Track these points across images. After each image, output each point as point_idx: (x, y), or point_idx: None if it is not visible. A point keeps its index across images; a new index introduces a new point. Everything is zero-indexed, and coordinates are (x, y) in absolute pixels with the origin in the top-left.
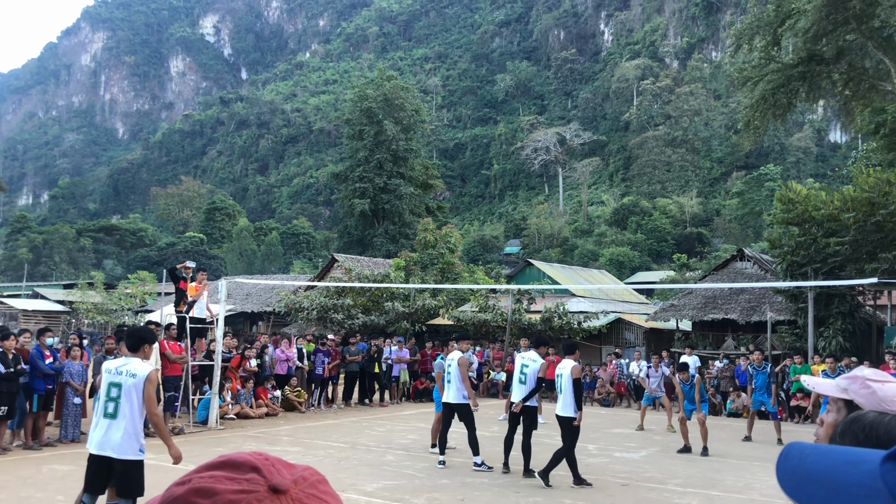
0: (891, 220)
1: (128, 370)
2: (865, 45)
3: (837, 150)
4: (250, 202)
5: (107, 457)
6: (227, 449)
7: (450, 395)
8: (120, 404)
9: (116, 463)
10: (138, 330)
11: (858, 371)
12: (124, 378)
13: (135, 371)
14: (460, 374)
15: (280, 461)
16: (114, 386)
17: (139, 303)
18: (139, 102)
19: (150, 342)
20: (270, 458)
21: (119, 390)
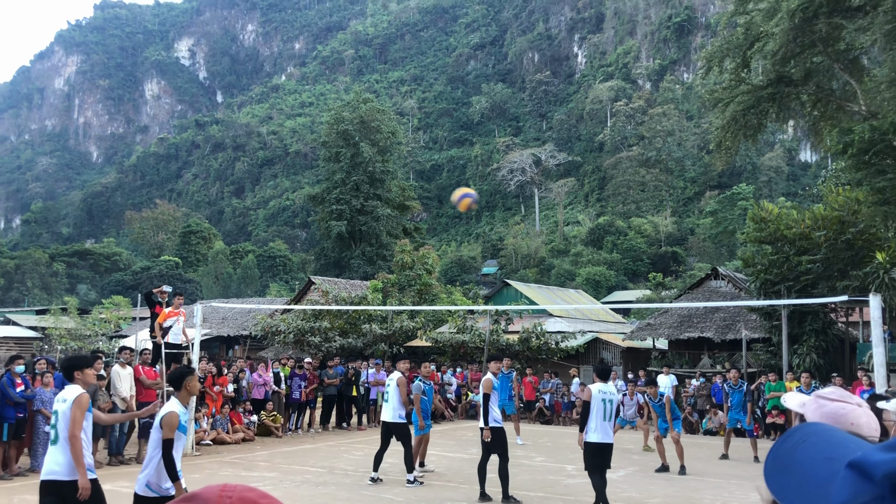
0: (860, 238)
1: (63, 396)
2: (832, 67)
3: (808, 170)
4: (226, 225)
5: (55, 481)
6: (202, 476)
7: (386, 414)
8: (59, 430)
9: (64, 486)
10: (68, 359)
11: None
12: (59, 405)
13: (65, 397)
14: (399, 393)
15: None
16: (54, 413)
17: (114, 328)
18: (113, 126)
19: (79, 368)
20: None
21: (56, 417)
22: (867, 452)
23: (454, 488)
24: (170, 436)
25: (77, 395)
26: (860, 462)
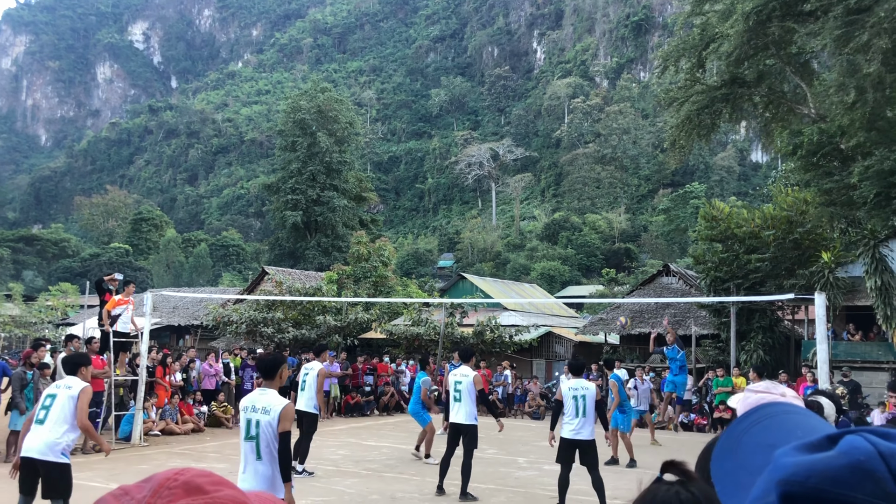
0: (807, 238)
1: (68, 384)
2: (784, 69)
3: (759, 170)
4: (178, 213)
5: (34, 459)
6: (150, 466)
7: (300, 404)
8: (50, 412)
9: (41, 465)
10: (73, 356)
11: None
12: (62, 391)
13: (70, 384)
14: (316, 384)
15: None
16: (50, 397)
17: (61, 316)
18: (63, 109)
19: (84, 364)
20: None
21: (52, 400)
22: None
23: (406, 480)
24: (289, 428)
25: (85, 387)
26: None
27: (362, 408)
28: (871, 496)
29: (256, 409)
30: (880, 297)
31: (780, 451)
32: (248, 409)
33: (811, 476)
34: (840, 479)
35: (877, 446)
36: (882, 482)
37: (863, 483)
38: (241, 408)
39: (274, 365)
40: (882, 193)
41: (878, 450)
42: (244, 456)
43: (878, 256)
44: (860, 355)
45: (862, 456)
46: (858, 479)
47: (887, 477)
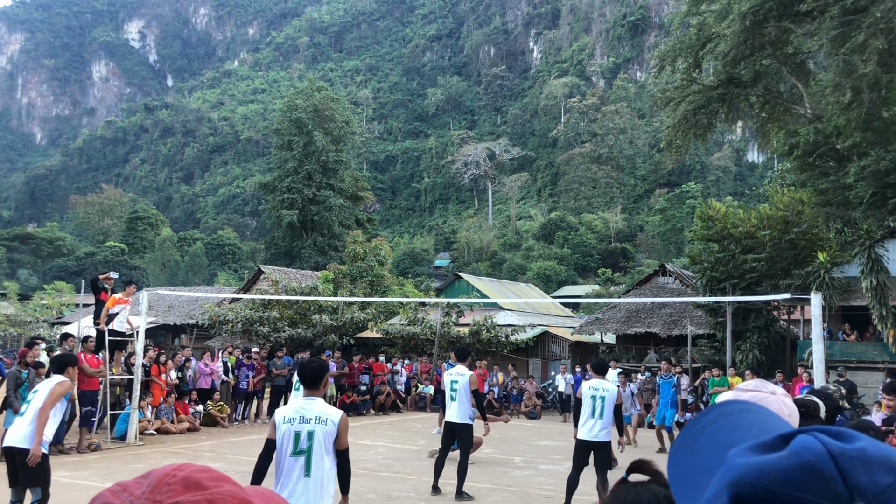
0: (803, 238)
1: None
2: (780, 69)
3: (755, 170)
4: (174, 212)
5: (13, 448)
6: (145, 465)
7: None
8: (31, 405)
9: (18, 454)
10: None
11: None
12: (44, 384)
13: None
14: None
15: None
16: (34, 393)
17: (56, 314)
18: (59, 107)
19: (71, 364)
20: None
21: (35, 394)
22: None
23: (402, 480)
24: (347, 444)
25: (62, 380)
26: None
27: (358, 407)
28: (820, 497)
29: (307, 419)
30: (876, 297)
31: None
32: (294, 420)
33: (761, 477)
34: (789, 479)
35: (827, 446)
36: (831, 482)
37: (812, 483)
38: (280, 419)
39: (319, 373)
40: (878, 194)
41: (828, 450)
42: (285, 473)
43: (874, 257)
44: (856, 355)
45: (812, 456)
46: (808, 480)
47: (836, 477)
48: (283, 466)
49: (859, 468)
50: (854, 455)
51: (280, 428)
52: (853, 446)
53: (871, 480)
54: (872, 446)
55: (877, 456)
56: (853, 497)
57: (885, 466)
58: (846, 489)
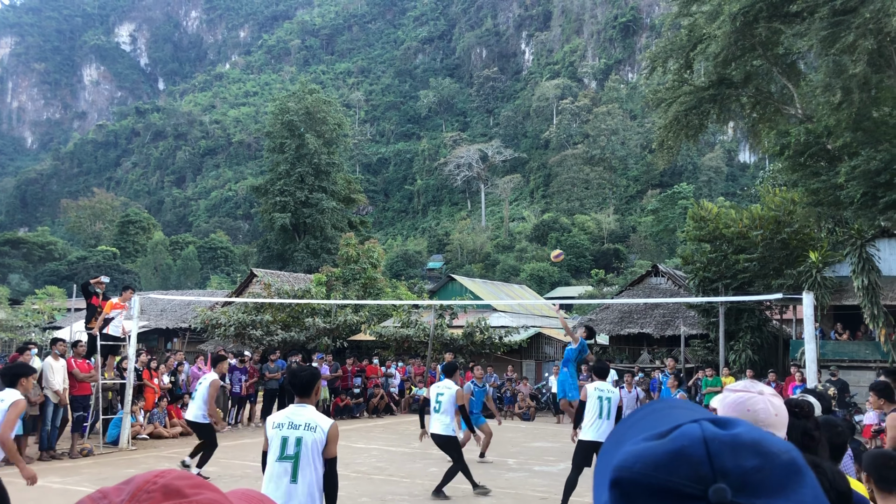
0: (795, 238)
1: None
2: (771, 70)
3: (746, 170)
4: (166, 215)
5: None
6: (138, 470)
7: (189, 413)
8: None
9: None
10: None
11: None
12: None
13: (2, 397)
14: (208, 394)
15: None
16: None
17: (47, 319)
18: (49, 111)
19: (24, 375)
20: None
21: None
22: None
23: (396, 482)
24: (336, 452)
25: (16, 400)
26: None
27: (352, 410)
28: (685, 479)
29: (296, 424)
30: (867, 296)
31: (631, 441)
32: (282, 425)
33: (637, 462)
34: (661, 464)
35: (705, 432)
36: (698, 466)
37: (680, 467)
38: (271, 424)
39: (310, 381)
40: (868, 193)
41: (704, 436)
42: (274, 478)
43: (865, 256)
44: (848, 354)
45: (686, 441)
46: (677, 464)
47: (704, 461)
48: (271, 470)
49: (727, 452)
50: (726, 440)
51: (269, 433)
52: (728, 432)
53: (736, 463)
54: (748, 432)
55: (748, 440)
56: (716, 478)
57: (754, 450)
58: (711, 471)
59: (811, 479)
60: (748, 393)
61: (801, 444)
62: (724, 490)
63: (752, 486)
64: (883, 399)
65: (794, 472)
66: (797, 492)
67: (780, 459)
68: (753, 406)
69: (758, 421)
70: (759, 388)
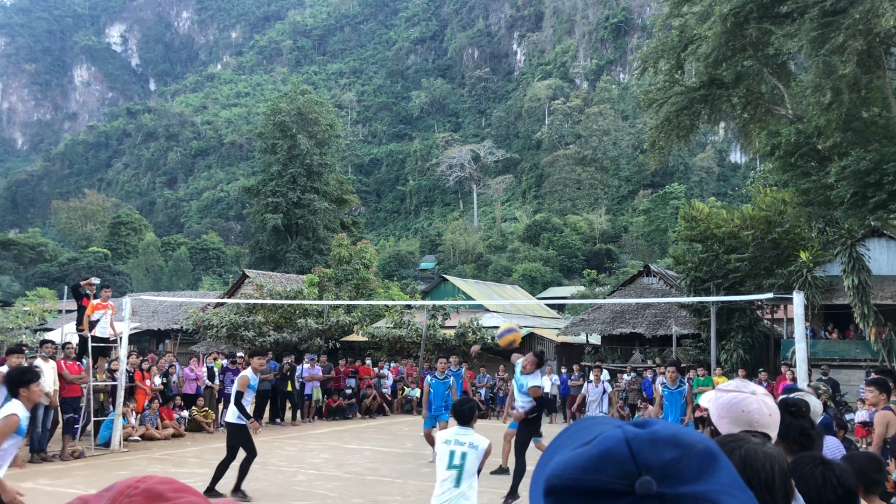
0: (786, 238)
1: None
2: (762, 71)
3: (737, 170)
4: (158, 216)
5: None
6: (130, 472)
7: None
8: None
9: None
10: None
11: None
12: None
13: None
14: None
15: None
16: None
17: (38, 321)
18: (40, 112)
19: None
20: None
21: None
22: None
23: (388, 483)
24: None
25: (8, 415)
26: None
27: (344, 411)
28: (612, 477)
29: (462, 442)
30: (857, 295)
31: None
32: (451, 441)
33: (567, 469)
34: (589, 466)
35: (626, 433)
36: (623, 464)
37: (606, 467)
38: (441, 440)
39: (471, 412)
40: (859, 193)
41: (626, 436)
42: (441, 482)
43: (856, 255)
44: (838, 353)
45: (610, 443)
46: (603, 465)
47: (628, 458)
48: (439, 476)
49: (648, 448)
50: (646, 437)
51: (439, 447)
52: (647, 430)
53: (657, 457)
54: (664, 429)
55: (666, 435)
56: (641, 473)
57: (672, 443)
58: (635, 467)
59: (726, 463)
60: (741, 393)
61: (800, 443)
62: (650, 482)
63: (673, 475)
64: (883, 394)
65: (710, 460)
66: (714, 476)
67: (696, 449)
68: (747, 407)
69: (752, 422)
70: (751, 389)
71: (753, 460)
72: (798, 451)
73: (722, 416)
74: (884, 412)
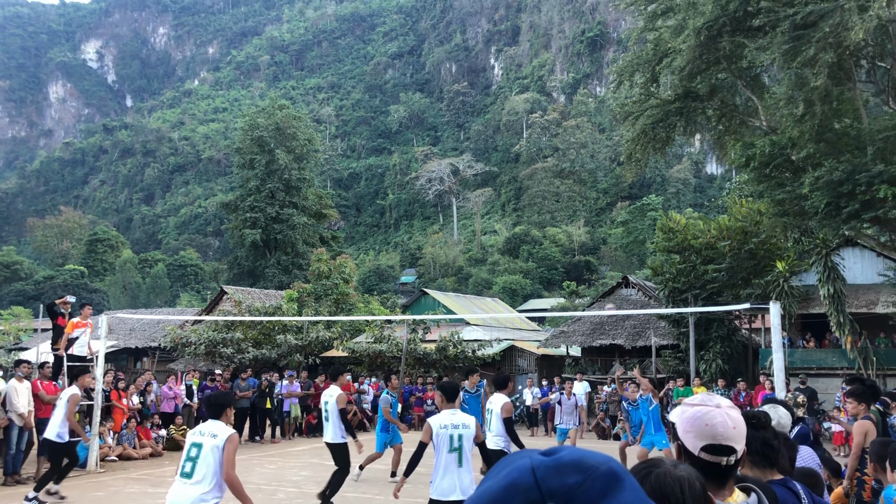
0: (762, 248)
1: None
2: (735, 83)
3: (714, 182)
4: (135, 233)
5: None
6: (106, 493)
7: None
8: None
9: None
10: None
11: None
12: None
13: (215, 432)
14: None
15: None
16: (194, 446)
17: (13, 340)
18: (14, 129)
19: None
20: None
21: (199, 450)
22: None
23: (369, 500)
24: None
25: (231, 434)
26: None
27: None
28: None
29: (457, 425)
30: (833, 304)
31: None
32: (448, 426)
33: (478, 502)
34: (497, 498)
35: (532, 462)
36: (528, 491)
37: (513, 497)
38: (438, 425)
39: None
40: (832, 203)
41: (532, 465)
42: (444, 467)
43: (831, 265)
44: (815, 362)
45: (516, 474)
46: (510, 495)
47: (533, 486)
48: (440, 462)
49: (553, 474)
50: (550, 464)
51: (438, 431)
52: (553, 457)
53: (561, 482)
54: (570, 454)
55: (570, 461)
56: (545, 499)
57: (575, 468)
58: (540, 494)
59: (631, 483)
60: (705, 407)
61: (762, 454)
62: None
63: (577, 499)
64: (863, 404)
65: (613, 481)
66: (618, 496)
67: (598, 471)
68: (711, 420)
69: (716, 435)
70: (716, 402)
71: (663, 485)
72: (762, 462)
73: (687, 430)
74: (863, 422)
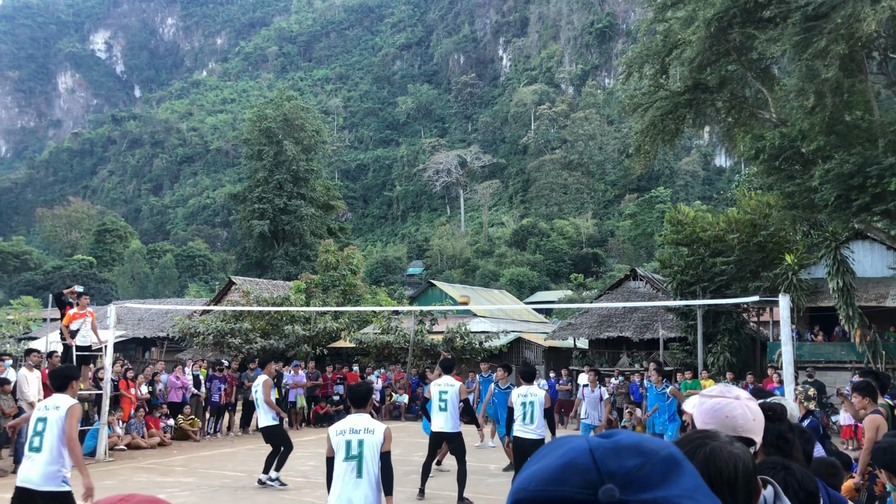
0: (771, 241)
1: (55, 404)
2: (745, 75)
3: (722, 174)
4: (143, 223)
5: (29, 489)
6: (115, 482)
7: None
8: (45, 438)
9: (37, 495)
10: (61, 369)
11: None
12: (50, 412)
13: (57, 404)
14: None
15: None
16: (41, 421)
17: (23, 330)
18: (24, 119)
19: (75, 379)
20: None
21: (44, 424)
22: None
23: None
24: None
25: (72, 405)
26: None
27: (332, 418)
28: (575, 486)
29: (357, 430)
30: (842, 297)
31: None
32: (345, 431)
33: (532, 482)
34: (553, 478)
35: (590, 443)
36: (586, 472)
37: (570, 477)
38: (335, 432)
39: (366, 394)
40: (842, 196)
41: (589, 446)
42: (342, 476)
43: (840, 258)
44: (824, 355)
45: (574, 454)
46: (567, 475)
47: (591, 467)
48: (337, 471)
49: (611, 456)
50: (609, 446)
51: (334, 439)
52: (611, 440)
53: (620, 464)
54: (627, 437)
55: (628, 444)
56: (604, 481)
57: (634, 451)
58: (598, 475)
59: (690, 469)
60: (725, 399)
61: (777, 447)
62: (613, 489)
63: (637, 482)
64: (868, 398)
65: (673, 465)
66: (678, 482)
67: (658, 456)
68: (731, 412)
69: (736, 427)
70: (735, 394)
71: (717, 459)
72: (776, 454)
73: (706, 421)
74: (873, 416)
